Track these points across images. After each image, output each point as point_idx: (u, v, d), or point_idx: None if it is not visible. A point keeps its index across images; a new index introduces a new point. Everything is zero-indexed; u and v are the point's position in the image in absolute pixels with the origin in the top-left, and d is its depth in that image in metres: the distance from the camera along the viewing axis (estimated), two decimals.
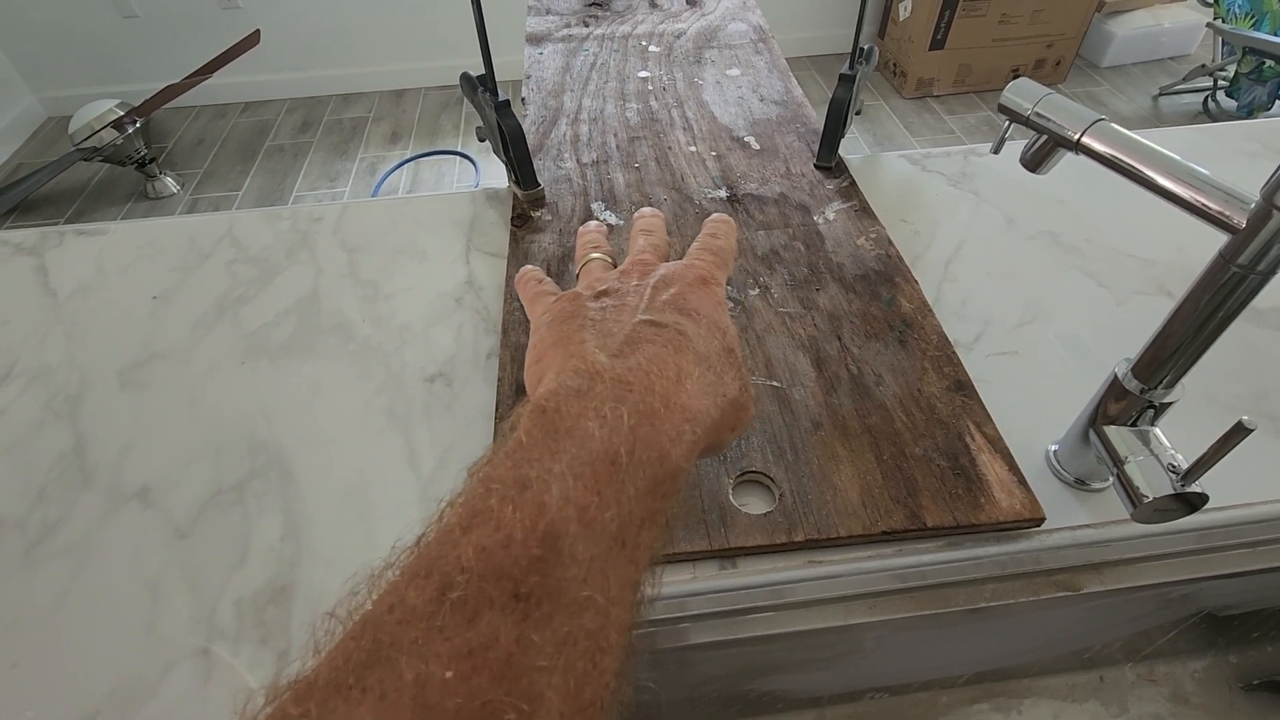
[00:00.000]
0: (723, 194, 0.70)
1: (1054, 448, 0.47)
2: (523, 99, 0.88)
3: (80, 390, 0.54)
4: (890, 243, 0.63)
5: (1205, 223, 0.32)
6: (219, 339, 0.58)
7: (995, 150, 0.43)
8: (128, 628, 0.41)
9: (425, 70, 2.89)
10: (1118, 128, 0.36)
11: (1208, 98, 2.56)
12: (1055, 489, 0.46)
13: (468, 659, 0.17)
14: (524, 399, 0.23)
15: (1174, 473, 0.37)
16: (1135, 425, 0.40)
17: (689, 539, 0.42)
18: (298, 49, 2.79)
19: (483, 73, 0.65)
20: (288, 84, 2.89)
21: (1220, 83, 2.49)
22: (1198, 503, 0.36)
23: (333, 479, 0.48)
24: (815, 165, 0.73)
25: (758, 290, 0.59)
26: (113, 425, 0.52)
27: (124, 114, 2.22)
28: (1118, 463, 0.39)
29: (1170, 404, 0.39)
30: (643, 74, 0.91)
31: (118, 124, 2.20)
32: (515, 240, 0.65)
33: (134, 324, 0.60)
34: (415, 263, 0.65)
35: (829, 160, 0.73)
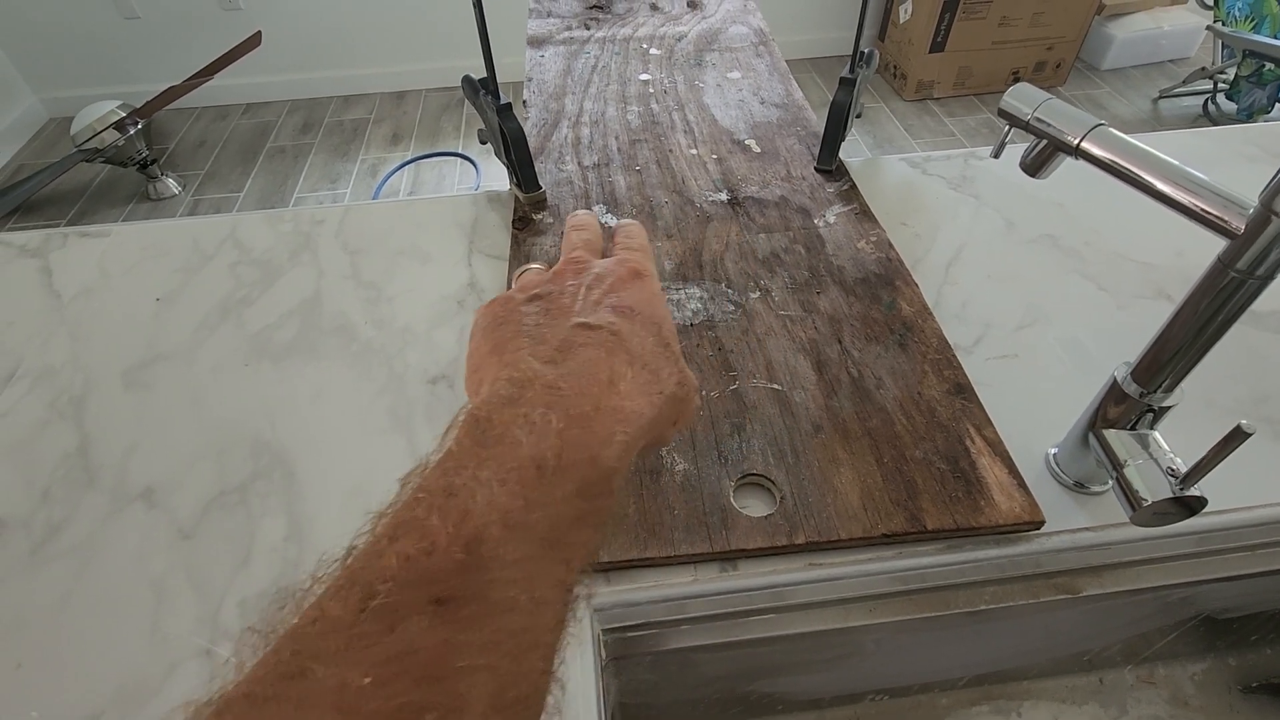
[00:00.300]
0: (723, 197, 0.70)
1: (1054, 451, 0.47)
2: (524, 101, 0.88)
3: (84, 391, 0.55)
4: (891, 246, 0.63)
5: (1204, 228, 0.33)
6: (222, 340, 0.58)
7: (995, 154, 0.43)
8: (132, 628, 0.41)
9: (426, 72, 2.89)
10: (1117, 133, 0.36)
11: (1207, 101, 2.57)
12: (1055, 492, 0.46)
13: (387, 665, 0.17)
14: (463, 407, 0.24)
15: (1173, 476, 0.37)
16: (1135, 429, 0.40)
17: (690, 541, 0.42)
18: (299, 50, 2.79)
19: (484, 75, 0.66)
20: (289, 85, 2.89)
21: (1220, 86, 2.49)
22: (1197, 506, 0.37)
23: (336, 480, 0.48)
24: (816, 168, 0.73)
25: (758, 293, 0.59)
26: (117, 426, 0.52)
27: (126, 115, 2.22)
28: (1117, 466, 0.39)
29: (1169, 408, 0.39)
30: (644, 77, 0.91)
31: (119, 125, 2.20)
32: (517, 243, 0.65)
33: (137, 325, 0.60)
34: (417, 265, 0.65)
35: (829, 163, 0.73)
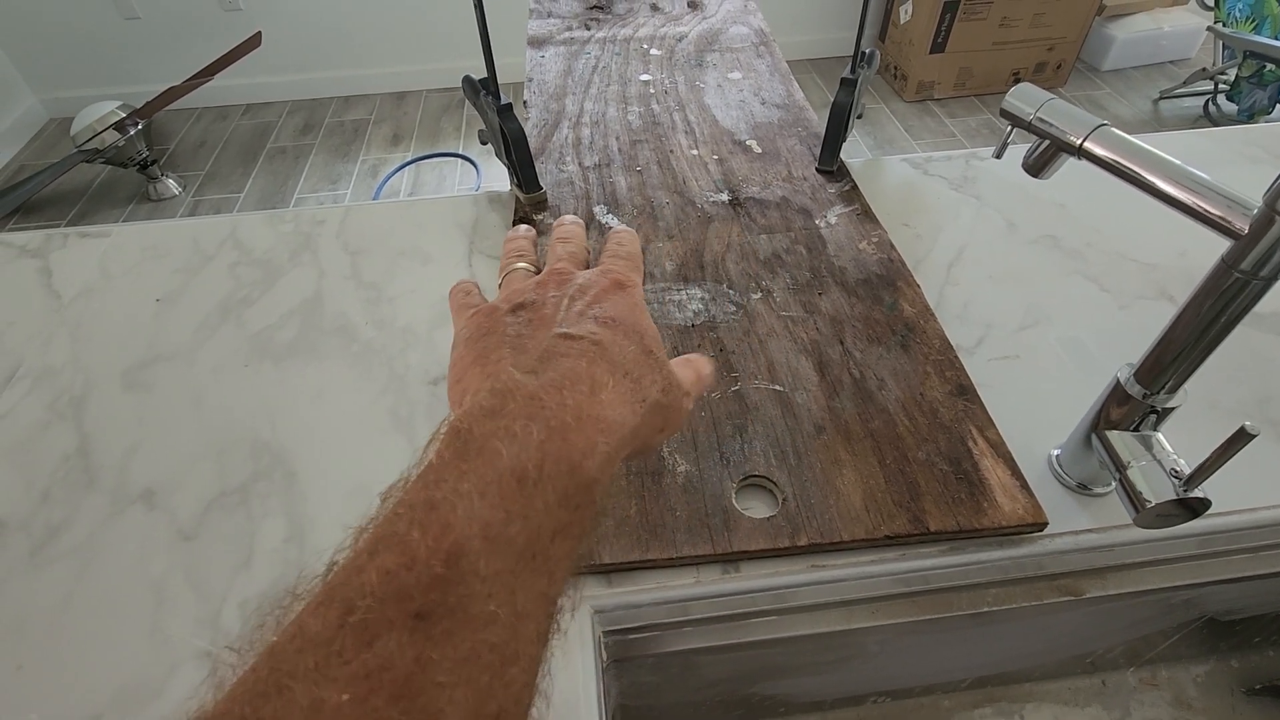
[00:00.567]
0: (724, 197, 0.70)
1: (1056, 452, 0.47)
2: (524, 102, 0.88)
3: (84, 392, 0.54)
4: (892, 246, 0.63)
5: (1207, 228, 0.32)
6: (222, 341, 0.58)
7: (997, 155, 0.43)
8: (132, 630, 0.41)
9: (427, 72, 2.89)
10: (1120, 133, 0.36)
11: (1208, 101, 2.57)
12: (1058, 493, 0.46)
13: (364, 681, 0.17)
14: (445, 419, 0.24)
15: (1176, 478, 0.37)
16: (1138, 430, 0.40)
17: (692, 543, 0.42)
18: (299, 51, 2.79)
19: (485, 76, 0.66)
20: (289, 86, 2.89)
21: (1221, 86, 2.49)
22: (1200, 508, 0.36)
23: (337, 481, 0.48)
24: (817, 169, 0.73)
25: (760, 294, 0.59)
26: (117, 427, 0.52)
27: (126, 116, 2.22)
28: (1120, 468, 0.39)
29: (1172, 409, 0.39)
30: (644, 77, 0.91)
31: (120, 126, 2.20)
32: None
33: (138, 326, 0.60)
34: (418, 265, 0.65)
35: (831, 164, 0.73)
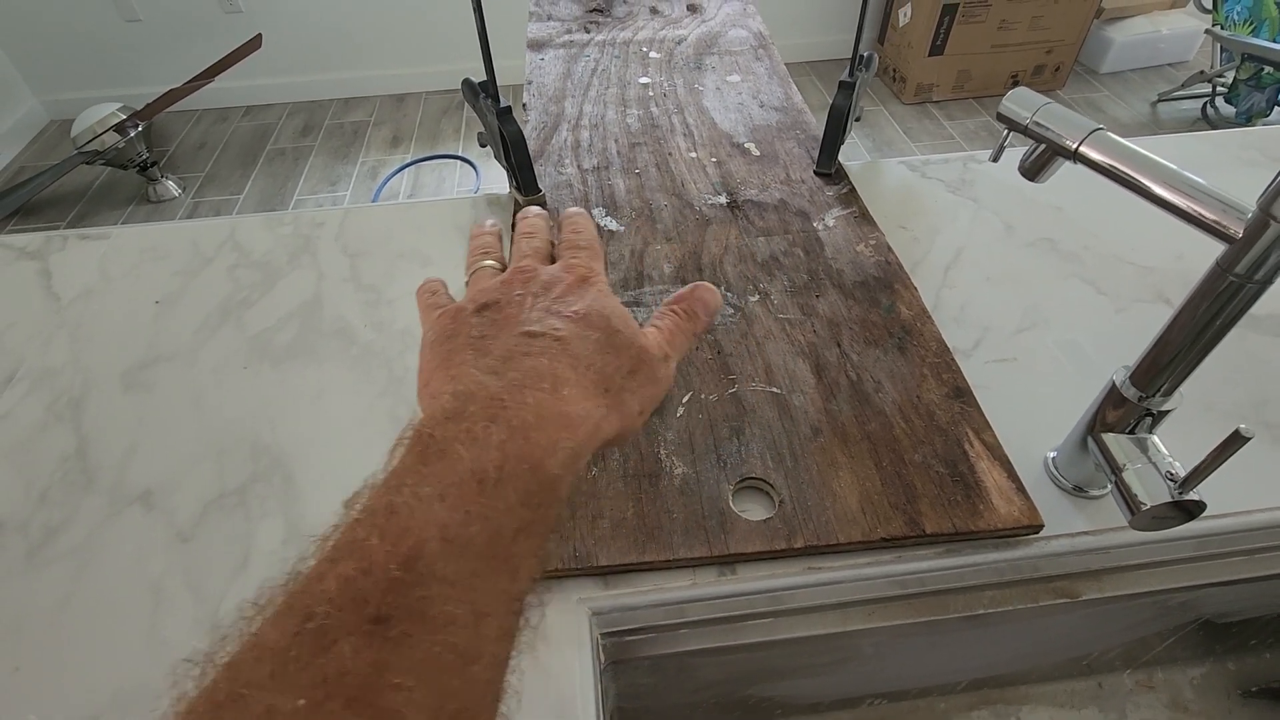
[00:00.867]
0: (723, 200, 0.70)
1: (1052, 455, 0.47)
2: (524, 104, 0.88)
3: (83, 393, 0.55)
4: (889, 249, 0.63)
5: (1203, 232, 0.33)
6: (222, 343, 0.58)
7: (994, 159, 0.43)
8: (130, 631, 0.41)
9: (426, 74, 2.89)
10: (1115, 137, 0.36)
11: (1206, 104, 2.57)
12: (1054, 496, 0.46)
13: (320, 687, 0.17)
14: (409, 424, 0.24)
15: (1172, 480, 0.37)
16: (1133, 433, 0.40)
17: (689, 545, 0.42)
18: (299, 53, 2.79)
19: (484, 78, 0.66)
20: (289, 88, 2.90)
21: (1219, 89, 2.50)
22: (1195, 510, 0.37)
23: (335, 483, 0.48)
24: (815, 171, 0.74)
25: (757, 296, 0.59)
26: (116, 428, 0.52)
27: (126, 117, 2.22)
28: (1116, 470, 0.39)
29: (1168, 411, 0.39)
30: (643, 80, 0.91)
31: (120, 127, 2.20)
32: None
33: (137, 327, 0.60)
34: (417, 267, 0.65)
35: (829, 167, 0.73)
